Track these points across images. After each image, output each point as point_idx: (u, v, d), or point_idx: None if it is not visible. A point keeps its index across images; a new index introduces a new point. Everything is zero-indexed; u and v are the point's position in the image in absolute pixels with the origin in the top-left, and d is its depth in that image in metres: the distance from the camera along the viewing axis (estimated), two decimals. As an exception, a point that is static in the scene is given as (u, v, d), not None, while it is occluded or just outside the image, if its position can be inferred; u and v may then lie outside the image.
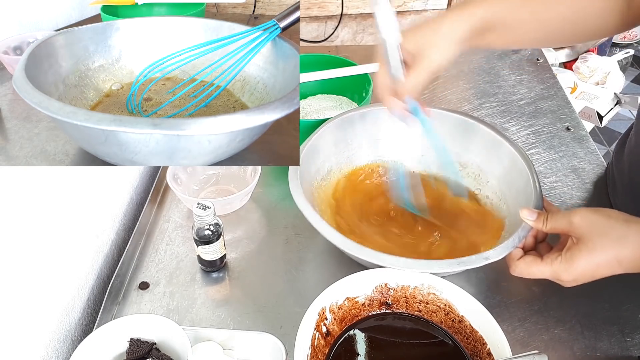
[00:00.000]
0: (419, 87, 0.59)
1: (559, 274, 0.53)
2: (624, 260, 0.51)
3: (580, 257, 0.52)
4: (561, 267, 0.53)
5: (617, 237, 0.51)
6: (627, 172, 0.73)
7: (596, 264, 0.52)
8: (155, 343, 0.58)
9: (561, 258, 0.53)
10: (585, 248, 0.52)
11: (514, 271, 0.57)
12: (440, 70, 0.58)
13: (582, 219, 0.53)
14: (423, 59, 0.58)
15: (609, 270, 0.52)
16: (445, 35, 0.58)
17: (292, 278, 0.69)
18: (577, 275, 0.53)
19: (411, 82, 0.59)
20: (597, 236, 0.52)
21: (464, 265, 0.57)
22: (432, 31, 0.58)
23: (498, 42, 0.62)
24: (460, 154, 0.77)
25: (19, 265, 0.54)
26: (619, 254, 0.51)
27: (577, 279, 0.53)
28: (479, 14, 0.58)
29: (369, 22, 1.47)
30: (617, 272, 0.52)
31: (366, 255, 0.57)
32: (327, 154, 0.75)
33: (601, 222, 0.52)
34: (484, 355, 0.54)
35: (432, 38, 0.58)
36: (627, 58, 2.32)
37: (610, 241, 0.51)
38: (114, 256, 0.77)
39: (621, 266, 0.51)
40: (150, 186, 0.85)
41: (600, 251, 0.51)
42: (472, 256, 0.57)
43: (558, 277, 0.54)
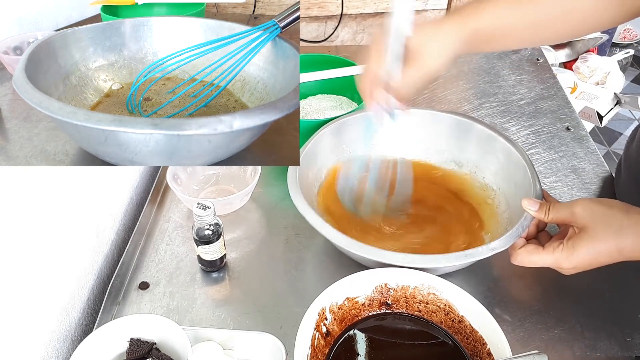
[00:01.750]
0: (411, 87, 0.59)
1: (561, 262, 0.55)
2: (624, 250, 0.52)
3: (582, 245, 0.53)
4: (563, 255, 0.54)
5: (619, 226, 0.52)
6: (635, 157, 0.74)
7: (597, 252, 0.53)
8: (155, 343, 0.58)
9: (563, 246, 0.54)
10: (587, 237, 0.53)
11: (514, 260, 0.58)
12: (435, 73, 0.58)
13: (584, 209, 0.54)
14: (420, 58, 0.57)
15: (610, 258, 0.53)
16: (443, 38, 0.58)
17: (292, 278, 0.69)
18: (578, 263, 0.54)
19: (405, 80, 0.58)
20: (598, 226, 0.53)
21: (471, 258, 0.57)
22: (432, 32, 0.58)
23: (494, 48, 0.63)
24: (456, 154, 0.77)
25: (18, 266, 0.54)
26: (620, 244, 0.52)
27: (577, 266, 0.54)
28: (469, 24, 0.58)
29: (368, 22, 1.47)
30: (618, 260, 0.53)
31: (369, 253, 0.57)
32: (327, 155, 0.75)
33: (603, 212, 0.53)
34: (484, 355, 0.54)
35: (432, 39, 0.58)
36: (627, 58, 2.32)
37: (611, 231, 0.52)
38: (114, 256, 0.77)
39: (621, 255, 0.52)
40: (150, 186, 0.85)
41: (602, 240, 0.52)
42: (478, 248, 0.58)
43: (559, 264, 0.55)
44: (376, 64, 0.58)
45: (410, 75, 0.58)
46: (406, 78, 0.58)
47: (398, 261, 0.57)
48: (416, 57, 0.57)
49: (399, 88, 0.59)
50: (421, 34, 0.57)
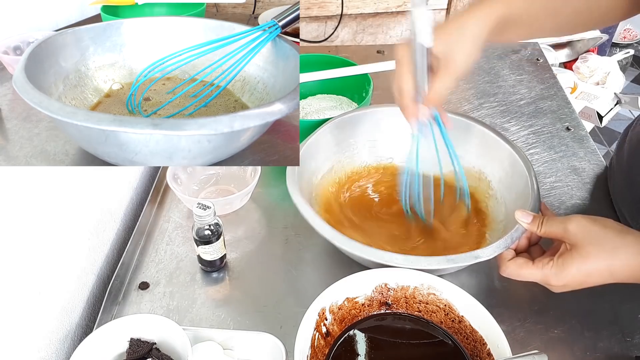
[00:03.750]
0: (445, 94, 0.58)
1: (549, 279, 0.53)
2: (616, 271, 0.50)
3: (573, 264, 0.52)
4: (552, 272, 0.53)
5: (612, 247, 0.50)
6: (626, 160, 0.73)
7: (588, 272, 0.51)
8: (155, 343, 0.58)
9: (552, 263, 0.53)
10: (578, 256, 0.51)
11: (503, 272, 0.57)
12: (465, 75, 0.57)
13: (578, 226, 0.52)
14: (449, 64, 0.56)
15: (600, 279, 0.52)
16: (470, 36, 0.56)
17: (292, 278, 0.69)
18: (567, 282, 0.52)
19: (437, 90, 0.57)
20: (591, 245, 0.51)
21: (452, 263, 0.57)
22: (458, 33, 0.57)
23: (514, 37, 0.62)
24: (460, 156, 0.77)
25: (18, 266, 0.54)
26: (612, 265, 0.50)
27: (566, 285, 0.53)
28: (499, 11, 0.57)
29: (368, 22, 1.47)
30: (608, 282, 0.52)
31: (358, 250, 0.58)
32: (327, 154, 0.75)
33: (596, 232, 0.52)
34: (484, 356, 0.54)
35: (459, 40, 0.56)
36: (627, 58, 2.32)
37: (604, 251, 0.51)
38: (114, 256, 0.77)
39: (612, 276, 0.51)
40: (150, 186, 0.85)
41: (594, 260, 0.51)
42: (462, 254, 0.57)
43: (548, 281, 0.54)
44: (407, 78, 0.58)
45: (442, 82, 0.57)
46: (439, 86, 0.57)
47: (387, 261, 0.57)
48: (446, 65, 0.56)
49: (433, 99, 0.58)
50: (446, 39, 0.56)
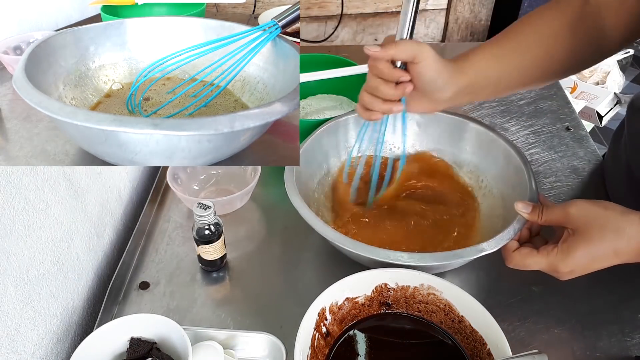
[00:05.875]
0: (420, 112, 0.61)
1: (556, 265, 0.53)
2: (620, 252, 0.51)
3: (578, 247, 0.52)
4: (558, 258, 0.53)
5: (615, 228, 0.50)
6: (624, 161, 0.73)
7: (593, 255, 0.51)
8: (155, 343, 0.58)
9: (557, 249, 0.53)
10: (582, 239, 0.52)
11: (509, 263, 0.57)
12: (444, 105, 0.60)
13: (579, 210, 0.53)
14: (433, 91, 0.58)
15: (606, 261, 0.52)
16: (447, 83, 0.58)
17: (292, 278, 0.69)
18: (574, 266, 0.52)
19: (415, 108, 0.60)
20: (594, 227, 0.51)
21: (458, 257, 0.57)
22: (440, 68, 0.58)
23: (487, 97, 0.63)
24: (456, 154, 0.77)
25: (18, 265, 0.54)
26: (617, 246, 0.50)
27: (574, 270, 0.53)
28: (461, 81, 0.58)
29: (369, 22, 1.47)
30: (614, 264, 0.52)
31: (357, 248, 0.58)
32: (326, 154, 0.76)
33: (598, 214, 0.52)
34: (484, 355, 0.54)
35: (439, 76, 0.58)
36: (627, 58, 2.32)
37: (607, 232, 0.51)
38: (114, 256, 0.77)
39: (618, 257, 0.51)
40: (150, 186, 0.85)
41: (598, 242, 0.51)
42: (467, 248, 0.57)
43: (555, 268, 0.54)
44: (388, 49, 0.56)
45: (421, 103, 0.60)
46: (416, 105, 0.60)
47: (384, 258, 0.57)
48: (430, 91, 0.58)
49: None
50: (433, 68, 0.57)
